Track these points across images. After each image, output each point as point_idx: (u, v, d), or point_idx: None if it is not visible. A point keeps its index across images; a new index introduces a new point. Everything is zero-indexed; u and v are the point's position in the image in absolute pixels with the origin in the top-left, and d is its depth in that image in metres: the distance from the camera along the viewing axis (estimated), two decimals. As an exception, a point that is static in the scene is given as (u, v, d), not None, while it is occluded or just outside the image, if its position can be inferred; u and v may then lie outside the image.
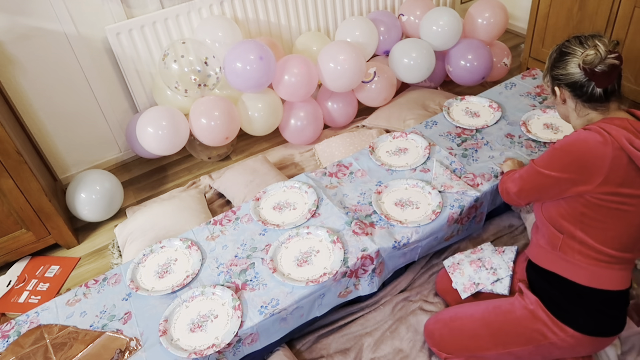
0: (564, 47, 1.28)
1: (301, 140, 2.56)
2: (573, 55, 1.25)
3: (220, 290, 1.50)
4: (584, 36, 1.26)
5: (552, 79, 1.32)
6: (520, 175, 1.38)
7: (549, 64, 1.32)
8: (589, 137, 1.18)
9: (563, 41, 1.31)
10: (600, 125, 1.19)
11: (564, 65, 1.27)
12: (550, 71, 1.32)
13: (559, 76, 1.29)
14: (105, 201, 2.22)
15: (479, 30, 2.69)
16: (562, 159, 1.22)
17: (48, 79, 2.26)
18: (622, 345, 1.50)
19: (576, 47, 1.25)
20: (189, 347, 1.38)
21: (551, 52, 1.34)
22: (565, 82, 1.28)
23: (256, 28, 2.57)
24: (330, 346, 1.61)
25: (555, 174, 1.23)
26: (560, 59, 1.28)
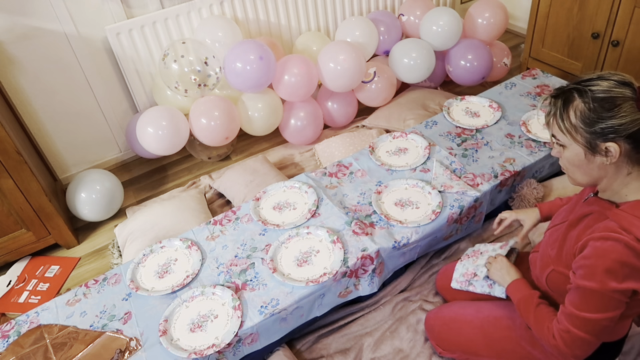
0: (600, 92, 0.98)
1: (301, 140, 2.56)
2: (625, 98, 0.96)
3: (220, 290, 1.50)
4: (605, 74, 1.01)
5: (594, 137, 0.99)
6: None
7: (579, 122, 1.00)
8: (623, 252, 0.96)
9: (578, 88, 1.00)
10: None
11: (618, 112, 0.96)
12: (588, 128, 0.99)
13: (614, 128, 0.96)
14: (105, 201, 2.22)
15: (479, 30, 2.69)
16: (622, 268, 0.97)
17: (48, 79, 2.26)
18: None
19: (617, 88, 0.98)
20: (189, 347, 1.38)
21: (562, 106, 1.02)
22: (626, 133, 0.96)
23: (256, 28, 2.57)
24: (330, 346, 1.61)
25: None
26: (607, 108, 0.96)
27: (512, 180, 1.87)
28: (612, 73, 1.01)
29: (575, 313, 1.03)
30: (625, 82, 0.99)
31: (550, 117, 1.05)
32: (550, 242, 1.19)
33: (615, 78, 0.99)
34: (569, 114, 1.01)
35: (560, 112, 1.02)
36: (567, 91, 1.02)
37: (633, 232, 0.95)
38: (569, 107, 1.01)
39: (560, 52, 2.69)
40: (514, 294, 1.28)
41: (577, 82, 1.02)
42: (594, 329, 1.03)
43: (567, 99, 1.02)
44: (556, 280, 1.14)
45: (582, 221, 1.09)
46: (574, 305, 1.04)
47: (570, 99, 1.01)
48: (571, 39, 2.59)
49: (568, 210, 1.22)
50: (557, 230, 1.18)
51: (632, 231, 0.95)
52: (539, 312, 1.18)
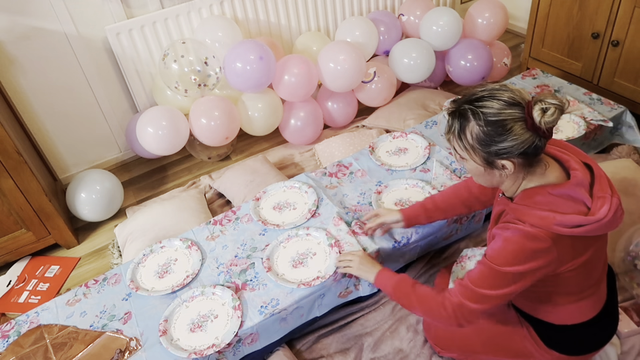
0: (491, 115, 1.01)
1: (301, 140, 2.56)
2: (514, 120, 1.00)
3: (220, 290, 1.50)
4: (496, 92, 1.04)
5: (489, 156, 1.05)
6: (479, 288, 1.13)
7: (475, 143, 1.05)
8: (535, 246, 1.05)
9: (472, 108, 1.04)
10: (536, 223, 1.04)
11: (509, 135, 1.01)
12: (483, 148, 1.05)
13: (506, 149, 1.02)
14: (105, 201, 2.22)
15: (479, 30, 2.69)
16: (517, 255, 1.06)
17: (48, 79, 2.26)
18: (622, 345, 1.50)
19: (506, 109, 1.01)
20: (189, 347, 1.38)
21: (459, 127, 1.07)
22: (519, 151, 1.02)
23: (256, 28, 2.57)
24: (330, 346, 1.61)
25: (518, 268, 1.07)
26: (499, 132, 1.01)
27: (512, 180, 1.87)
28: (504, 89, 1.04)
29: (472, 288, 1.12)
30: (514, 102, 1.02)
31: (449, 135, 1.11)
32: (488, 242, 1.25)
33: (505, 97, 1.02)
34: (465, 135, 1.07)
35: (458, 132, 1.08)
36: (462, 110, 1.06)
37: (526, 220, 1.06)
38: (465, 127, 1.06)
39: (560, 52, 2.69)
40: (384, 284, 1.34)
41: (470, 99, 1.06)
42: (487, 302, 1.11)
43: (463, 119, 1.07)
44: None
45: (499, 219, 1.19)
46: (472, 282, 1.12)
47: (466, 118, 1.06)
48: (571, 39, 2.59)
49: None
50: (489, 230, 1.25)
51: (524, 220, 1.06)
52: (419, 290, 1.25)
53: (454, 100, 1.10)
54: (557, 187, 1.07)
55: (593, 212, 1.03)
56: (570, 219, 1.01)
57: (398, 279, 1.31)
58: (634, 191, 1.86)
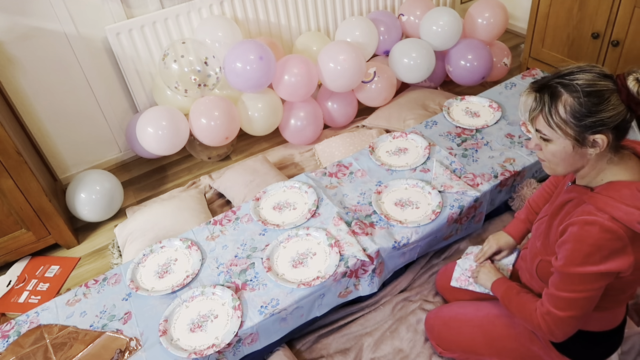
0: (589, 86, 0.99)
1: (301, 140, 2.56)
2: (611, 90, 0.98)
3: (220, 290, 1.50)
4: (586, 67, 1.02)
5: (583, 130, 1.00)
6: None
7: (568, 116, 1.00)
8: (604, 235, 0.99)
9: (564, 82, 1.01)
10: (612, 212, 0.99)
11: (607, 106, 0.98)
12: (578, 122, 1.00)
13: (604, 121, 0.98)
14: (105, 201, 2.22)
15: (479, 30, 2.69)
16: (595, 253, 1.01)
17: (48, 79, 2.26)
18: (622, 345, 1.50)
19: (602, 80, 0.99)
20: (189, 347, 1.38)
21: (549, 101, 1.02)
22: (613, 124, 0.98)
23: (256, 28, 2.57)
24: (330, 346, 1.61)
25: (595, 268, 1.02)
26: (597, 103, 0.98)
27: (512, 180, 1.87)
28: (591, 65, 1.02)
29: (556, 294, 1.07)
30: (606, 74, 1.00)
31: (536, 112, 1.04)
32: (537, 234, 1.21)
33: (597, 70, 1.00)
34: (557, 109, 1.01)
35: (549, 107, 1.02)
36: (551, 85, 1.02)
37: (608, 212, 0.99)
38: (557, 101, 1.01)
39: (560, 52, 2.68)
40: (497, 290, 1.33)
41: (559, 75, 1.02)
42: (573, 308, 1.06)
43: (553, 94, 1.01)
44: (545, 270, 1.16)
45: (563, 209, 1.12)
46: (555, 287, 1.08)
47: (557, 93, 1.01)
48: (571, 39, 2.59)
49: (551, 201, 1.25)
50: (542, 222, 1.21)
51: (607, 210, 0.99)
52: (520, 298, 1.22)
53: (535, 81, 1.05)
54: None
55: None
56: None
57: (508, 286, 1.29)
58: (634, 191, 1.85)
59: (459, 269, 1.54)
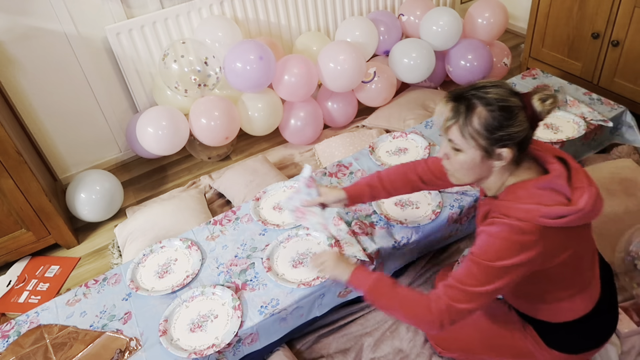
0: (502, 101, 1.04)
1: (301, 140, 2.56)
2: (519, 107, 1.05)
3: (220, 290, 1.50)
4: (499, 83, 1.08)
5: (492, 142, 1.05)
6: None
7: (480, 127, 1.05)
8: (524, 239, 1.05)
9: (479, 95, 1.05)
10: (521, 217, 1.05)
11: (516, 121, 1.04)
12: (488, 134, 1.04)
13: (511, 136, 1.04)
14: (105, 201, 2.22)
15: (479, 30, 2.69)
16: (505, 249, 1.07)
17: (48, 79, 2.26)
18: (622, 345, 1.50)
19: (512, 97, 1.05)
20: (189, 347, 1.38)
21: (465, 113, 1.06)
22: (518, 139, 1.05)
23: (256, 28, 2.57)
24: (330, 346, 1.61)
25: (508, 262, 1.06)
26: (506, 118, 1.03)
27: (512, 180, 1.87)
28: (501, 82, 1.09)
29: (460, 287, 1.09)
30: (514, 91, 1.06)
31: (452, 122, 1.08)
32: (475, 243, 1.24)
33: (507, 87, 1.07)
34: (472, 120, 1.05)
35: (464, 118, 1.06)
36: (468, 97, 1.06)
37: (511, 215, 1.06)
38: (472, 113, 1.05)
39: (560, 52, 2.68)
40: (360, 283, 1.24)
41: (475, 87, 1.07)
42: (475, 300, 1.09)
43: (469, 105, 1.06)
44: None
45: (486, 219, 1.16)
46: (459, 281, 1.10)
47: (473, 105, 1.05)
48: (571, 39, 2.59)
49: (476, 215, 1.30)
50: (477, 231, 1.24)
51: (510, 214, 1.06)
52: (400, 292, 1.18)
53: (452, 90, 1.10)
54: (539, 180, 1.08)
55: (574, 202, 1.05)
56: (554, 210, 1.03)
57: (376, 277, 1.23)
58: (634, 191, 1.86)
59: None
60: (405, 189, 1.46)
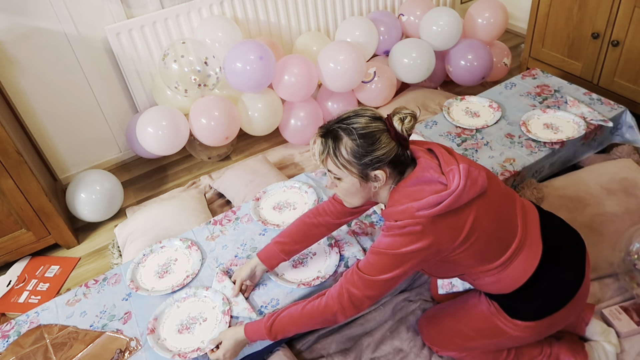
0: (362, 129, 1.11)
1: (301, 140, 2.56)
2: (380, 131, 1.12)
3: (212, 293, 1.50)
4: (359, 111, 1.16)
5: (364, 167, 1.13)
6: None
7: (350, 156, 1.12)
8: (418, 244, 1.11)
9: (343, 126, 1.13)
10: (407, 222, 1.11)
11: (379, 145, 1.11)
12: (358, 161, 1.12)
13: (379, 158, 1.11)
14: (105, 201, 2.22)
15: (479, 30, 2.69)
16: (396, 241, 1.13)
17: (48, 79, 2.26)
18: (621, 345, 1.50)
19: (372, 122, 1.12)
20: (174, 349, 1.37)
21: (333, 145, 1.13)
22: (388, 160, 1.12)
23: (256, 28, 2.57)
24: (330, 346, 1.61)
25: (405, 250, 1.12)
26: (371, 142, 1.11)
27: (512, 181, 1.87)
28: (364, 109, 1.16)
29: (361, 275, 1.16)
30: (376, 116, 1.14)
31: (324, 155, 1.16)
32: None
33: (368, 114, 1.14)
34: (340, 151, 1.13)
35: (333, 150, 1.14)
36: (333, 130, 1.14)
37: (394, 218, 1.13)
38: (339, 144, 1.13)
39: (560, 52, 2.68)
40: (254, 333, 1.26)
41: (339, 120, 1.15)
42: (377, 288, 1.16)
43: (335, 137, 1.14)
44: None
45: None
46: (362, 270, 1.17)
47: (338, 136, 1.13)
48: (571, 39, 2.59)
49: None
50: None
51: (393, 217, 1.13)
52: (295, 312, 1.23)
53: (321, 126, 1.18)
54: (407, 179, 1.15)
55: (448, 186, 1.10)
56: (428, 201, 1.09)
57: (263, 320, 1.25)
58: (634, 191, 1.86)
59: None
60: (315, 239, 1.48)
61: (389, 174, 1.15)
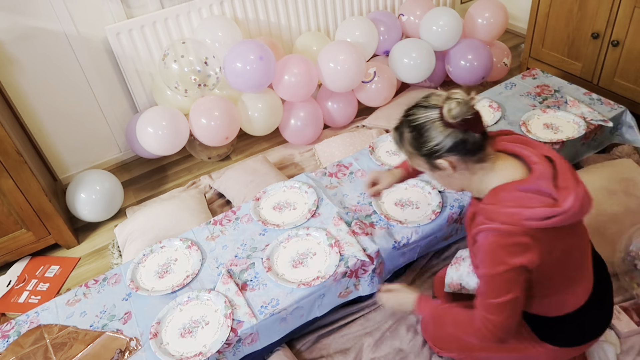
0: (413, 121, 1.12)
1: (301, 140, 2.56)
2: (431, 121, 1.09)
3: (215, 296, 1.50)
4: (421, 100, 1.14)
5: (427, 158, 1.13)
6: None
7: (411, 148, 1.15)
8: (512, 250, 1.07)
9: (403, 119, 1.16)
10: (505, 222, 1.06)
11: (431, 135, 1.10)
12: (418, 152, 1.14)
13: (434, 148, 1.10)
14: (105, 201, 2.22)
15: (479, 30, 2.69)
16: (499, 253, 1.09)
17: (48, 79, 2.26)
18: (621, 345, 1.50)
19: (425, 113, 1.11)
20: (177, 353, 1.37)
21: (398, 137, 1.17)
22: (446, 148, 1.10)
23: (256, 28, 2.57)
24: (330, 346, 1.61)
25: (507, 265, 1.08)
26: (421, 135, 1.11)
27: (512, 180, 1.87)
28: (428, 95, 1.14)
29: (485, 301, 1.13)
30: (431, 105, 1.11)
31: (398, 148, 1.21)
32: (469, 244, 1.25)
33: (424, 102, 1.13)
34: (404, 144, 1.17)
35: (399, 143, 1.19)
36: (400, 123, 1.17)
37: (495, 219, 1.08)
38: (402, 137, 1.17)
39: (560, 52, 2.68)
40: (423, 309, 1.36)
41: (405, 111, 1.16)
42: (503, 311, 1.11)
43: (400, 131, 1.17)
44: None
45: (474, 221, 1.18)
46: (482, 296, 1.14)
47: (401, 130, 1.16)
48: (571, 39, 2.59)
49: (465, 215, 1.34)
50: (468, 231, 1.27)
51: (494, 219, 1.08)
52: (453, 313, 1.29)
53: (399, 120, 1.19)
54: (521, 182, 1.10)
55: (560, 203, 1.05)
56: (539, 212, 1.04)
57: (433, 304, 1.34)
58: (634, 191, 1.86)
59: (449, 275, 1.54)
60: None
61: (457, 161, 1.11)
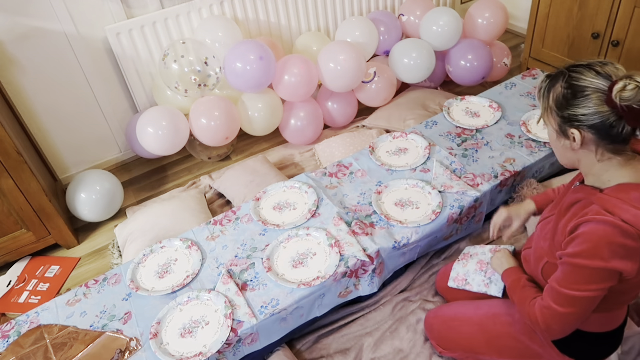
0: (575, 80, 1.02)
1: (301, 140, 2.56)
2: (595, 89, 0.99)
3: (215, 296, 1.50)
4: (596, 64, 1.02)
5: (563, 120, 1.05)
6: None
7: (554, 104, 1.05)
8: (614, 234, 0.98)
9: (564, 72, 1.05)
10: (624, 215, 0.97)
11: (584, 102, 1.00)
12: (559, 111, 1.05)
13: (578, 117, 1.01)
14: (105, 201, 2.22)
15: (479, 30, 2.69)
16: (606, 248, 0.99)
17: (48, 79, 2.26)
18: (622, 345, 1.50)
19: (593, 78, 1.00)
20: (177, 353, 1.37)
21: (547, 86, 1.08)
22: (589, 123, 1.01)
23: (256, 28, 2.57)
24: (330, 346, 1.61)
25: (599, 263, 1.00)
26: (576, 96, 1.01)
27: (512, 180, 1.87)
28: (606, 63, 1.02)
29: (558, 289, 1.06)
30: (604, 74, 1.00)
31: (538, 94, 1.11)
32: (542, 234, 1.20)
33: (598, 68, 1.01)
34: (549, 95, 1.07)
35: (544, 92, 1.08)
36: (558, 73, 1.06)
37: (617, 213, 0.98)
38: (552, 88, 1.06)
39: (560, 52, 2.69)
40: (506, 279, 1.32)
41: (569, 66, 1.06)
42: (574, 305, 1.05)
43: (554, 80, 1.06)
44: (551, 272, 1.14)
45: (570, 209, 1.11)
46: (557, 282, 1.07)
47: (556, 80, 1.06)
48: (571, 39, 2.59)
49: (557, 201, 1.23)
50: (548, 222, 1.19)
51: (615, 212, 0.98)
52: (524, 290, 1.21)
53: (558, 68, 1.10)
54: None
55: None
56: None
57: (516, 277, 1.27)
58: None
59: (455, 270, 1.54)
60: None
61: (589, 139, 1.03)
